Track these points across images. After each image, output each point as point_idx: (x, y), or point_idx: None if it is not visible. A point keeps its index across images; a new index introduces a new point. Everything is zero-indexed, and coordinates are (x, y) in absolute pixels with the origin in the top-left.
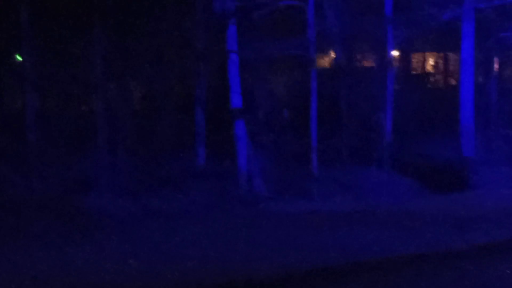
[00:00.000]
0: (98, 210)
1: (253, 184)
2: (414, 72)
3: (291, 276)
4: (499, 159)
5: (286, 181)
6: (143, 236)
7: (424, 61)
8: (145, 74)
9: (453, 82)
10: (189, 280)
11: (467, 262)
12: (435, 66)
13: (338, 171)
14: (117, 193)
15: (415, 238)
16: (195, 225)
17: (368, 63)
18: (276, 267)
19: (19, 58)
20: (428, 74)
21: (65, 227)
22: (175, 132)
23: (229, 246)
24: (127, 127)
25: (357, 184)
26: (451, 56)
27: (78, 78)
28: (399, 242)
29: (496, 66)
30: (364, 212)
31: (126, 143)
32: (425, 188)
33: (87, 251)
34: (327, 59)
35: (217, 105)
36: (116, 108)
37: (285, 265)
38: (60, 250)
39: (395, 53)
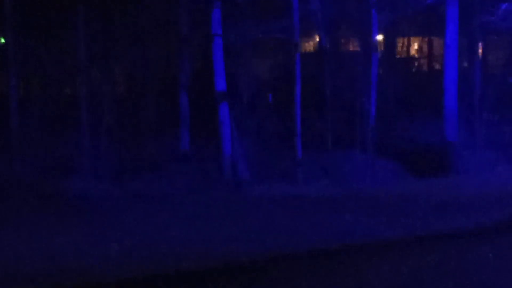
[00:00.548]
0: (81, 193)
1: (237, 168)
2: (399, 57)
3: (272, 259)
4: (482, 144)
5: (270, 165)
6: (126, 219)
7: (409, 45)
8: (129, 57)
9: (437, 66)
10: (170, 264)
11: (449, 245)
12: (420, 51)
13: (322, 155)
14: (100, 176)
15: (397, 221)
16: (178, 208)
17: (353, 47)
18: (257, 251)
19: (2, 40)
20: (412, 58)
21: (48, 210)
22: (159, 116)
23: (211, 229)
24: (111, 111)
25: (340, 168)
26: (436, 40)
27: (61, 61)
28: (382, 226)
29: (480, 51)
30: (348, 196)
31: (110, 127)
32: (409, 172)
33: (69, 235)
34: (312, 43)
35: (201, 89)
36: (99, 92)
37: (266, 248)
38: (42, 233)
39: (379, 37)
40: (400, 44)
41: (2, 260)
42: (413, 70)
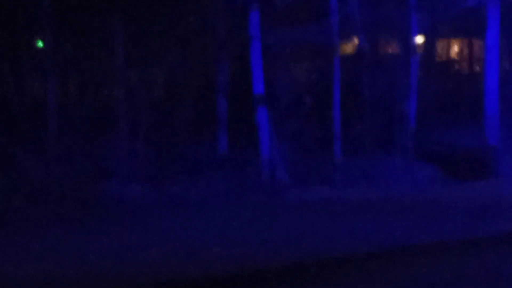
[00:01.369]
0: (118, 197)
1: (275, 172)
2: (438, 59)
3: (311, 264)
4: None
5: (308, 168)
6: (164, 224)
7: (449, 47)
8: (166, 61)
9: (477, 69)
10: (209, 269)
11: (490, 250)
12: (460, 53)
13: (361, 159)
14: (137, 180)
15: (437, 225)
16: (216, 213)
17: (392, 49)
18: (297, 255)
19: (40, 44)
20: (452, 61)
21: (84, 214)
22: (197, 119)
23: (250, 234)
24: (148, 114)
25: (380, 171)
26: (476, 42)
27: (99, 65)
28: (422, 230)
29: None
30: (387, 200)
31: (147, 131)
32: (449, 176)
33: (106, 239)
34: (350, 46)
35: (239, 92)
36: (137, 95)
37: (306, 253)
38: (79, 237)
39: (419, 39)
40: (440, 46)
41: (38, 264)
42: (453, 72)
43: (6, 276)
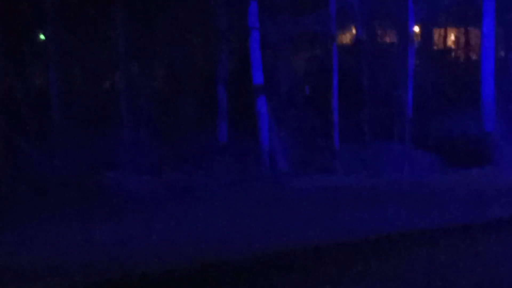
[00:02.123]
0: (121, 187)
1: (275, 160)
2: (435, 47)
3: (312, 250)
4: None
5: (308, 156)
6: (166, 213)
7: (445, 36)
8: (167, 52)
9: (474, 57)
10: (212, 257)
11: (488, 236)
12: (456, 41)
13: (360, 147)
14: (140, 170)
15: (436, 212)
16: (218, 201)
17: (389, 38)
18: (299, 242)
19: (42, 37)
20: (449, 49)
21: (89, 204)
22: (197, 109)
23: (252, 221)
24: (150, 105)
25: (378, 159)
26: (472, 31)
27: (101, 57)
28: (420, 216)
29: None
30: (386, 186)
31: (149, 121)
32: (447, 162)
33: (110, 228)
34: (348, 35)
35: (239, 82)
36: (139, 86)
37: (307, 239)
38: (83, 227)
39: (416, 28)
40: (436, 35)
41: (43, 254)
42: (450, 60)
43: (11, 264)
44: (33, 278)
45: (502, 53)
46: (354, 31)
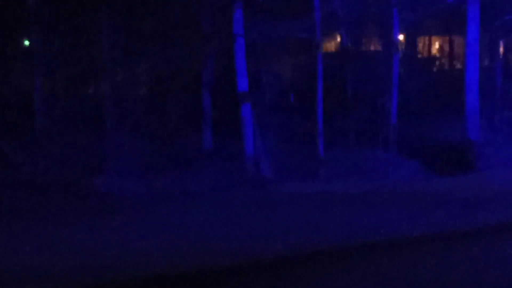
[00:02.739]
0: (106, 191)
1: (260, 166)
2: (420, 55)
3: (298, 256)
4: (504, 141)
5: (292, 163)
6: (151, 217)
7: (430, 44)
8: (153, 57)
9: (458, 65)
10: (198, 262)
11: (474, 242)
12: (441, 49)
13: (344, 153)
14: (125, 174)
15: (421, 219)
16: (202, 207)
17: (374, 46)
18: (283, 248)
19: (27, 42)
20: (433, 57)
21: (73, 209)
22: (183, 114)
23: (236, 227)
24: (135, 109)
25: (363, 165)
26: (457, 39)
27: (86, 61)
28: (406, 223)
29: (501, 49)
30: (370, 193)
31: (134, 125)
32: (431, 170)
33: (95, 233)
34: (333, 42)
35: (223, 88)
36: (124, 90)
37: (291, 245)
38: (68, 231)
39: (400, 36)
40: (421, 43)
41: (28, 257)
42: (435, 68)
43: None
44: (15, 282)
45: (487, 62)
46: (339, 38)
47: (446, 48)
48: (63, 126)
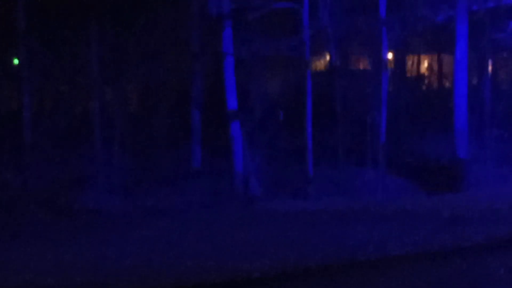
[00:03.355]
0: (94, 208)
1: (249, 184)
2: (409, 73)
3: (286, 274)
4: (492, 159)
5: (281, 180)
6: (139, 234)
7: (419, 62)
8: (142, 75)
9: (447, 83)
10: (185, 279)
11: (460, 259)
12: (430, 68)
13: (333, 171)
14: (113, 192)
15: (409, 236)
16: (190, 224)
17: (363, 64)
18: (270, 265)
19: (16, 61)
20: (422, 75)
21: (60, 225)
22: (171, 132)
23: (224, 244)
24: (123, 126)
25: (351, 183)
26: (446, 57)
27: (74, 78)
28: (393, 241)
29: (490, 67)
30: (359, 211)
31: (122, 142)
32: (420, 187)
33: (82, 249)
34: (322, 60)
35: (213, 106)
36: (112, 108)
37: (280, 263)
38: (55, 247)
39: (389, 54)
40: (410, 61)
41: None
42: (424, 86)
43: None
44: None
45: (475, 80)
46: (328, 57)
47: (435, 66)
48: (51, 142)
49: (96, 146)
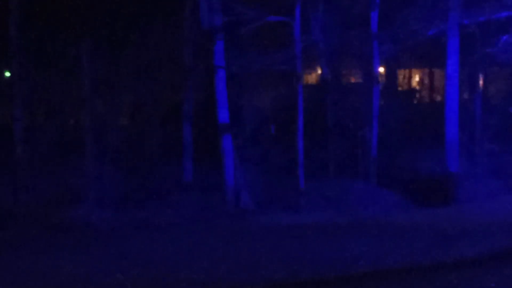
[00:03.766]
0: (85, 222)
1: (240, 198)
2: (400, 88)
3: (276, 285)
4: (483, 173)
5: (272, 194)
6: (130, 248)
7: (410, 76)
8: (134, 89)
9: (438, 97)
10: None
11: (452, 275)
12: (421, 82)
13: (325, 185)
14: (104, 206)
15: (400, 251)
16: (182, 238)
17: (354, 78)
18: (262, 280)
19: (7, 74)
20: (413, 89)
21: (52, 239)
22: (163, 146)
23: (215, 259)
24: (115, 140)
25: (343, 197)
26: (437, 72)
27: (66, 92)
28: (385, 255)
29: (481, 82)
30: (350, 225)
31: (114, 156)
32: (411, 202)
33: (73, 264)
34: (314, 74)
35: (204, 120)
36: (104, 121)
37: (271, 278)
38: (46, 262)
39: (381, 68)
40: (401, 75)
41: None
42: (415, 101)
43: None
44: None
45: (466, 94)
46: (320, 70)
47: (426, 80)
48: (43, 156)
49: (88, 159)
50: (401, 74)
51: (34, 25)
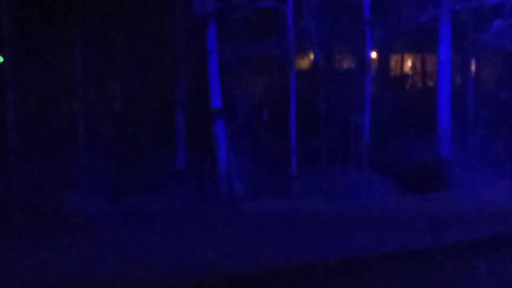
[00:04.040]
0: (78, 211)
1: (233, 185)
2: (392, 74)
3: (267, 274)
4: (475, 159)
5: (265, 181)
6: (123, 237)
7: (402, 62)
8: (125, 76)
9: (431, 83)
10: (169, 281)
11: (443, 261)
12: (413, 68)
13: (317, 171)
14: (97, 194)
15: (392, 237)
16: (175, 226)
17: (347, 64)
18: (252, 266)
19: (1, 59)
20: (406, 75)
21: (45, 228)
22: (156, 133)
23: (208, 246)
24: (108, 129)
25: (335, 184)
26: (429, 57)
27: (58, 80)
28: (377, 241)
29: (473, 67)
30: (343, 211)
31: (107, 145)
32: (403, 188)
33: (66, 253)
34: (307, 60)
35: (197, 106)
36: (97, 110)
37: (261, 263)
38: (39, 252)
39: (373, 54)
40: (394, 61)
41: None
42: (407, 86)
43: None
44: None
45: (459, 80)
46: (312, 56)
47: (419, 66)
48: (35, 146)
49: (81, 149)
50: (394, 59)
51: (26, 15)
